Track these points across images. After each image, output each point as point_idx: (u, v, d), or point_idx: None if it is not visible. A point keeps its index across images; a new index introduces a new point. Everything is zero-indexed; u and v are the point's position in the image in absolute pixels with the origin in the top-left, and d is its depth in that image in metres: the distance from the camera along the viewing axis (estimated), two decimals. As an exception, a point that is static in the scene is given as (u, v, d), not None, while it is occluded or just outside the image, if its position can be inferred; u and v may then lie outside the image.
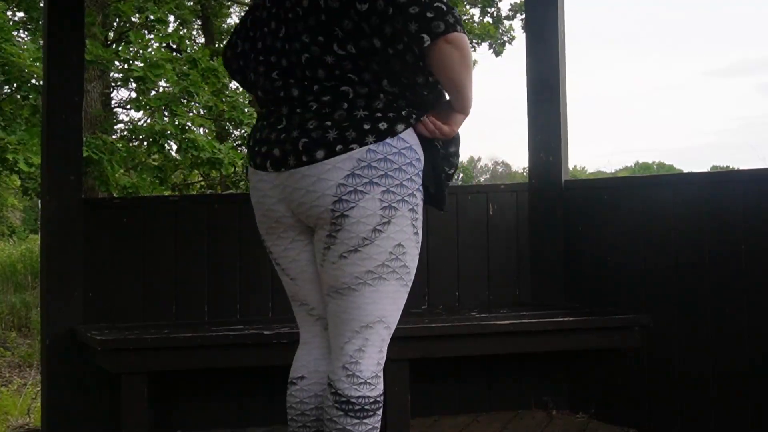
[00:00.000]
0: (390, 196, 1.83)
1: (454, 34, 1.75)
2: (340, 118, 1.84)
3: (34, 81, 7.38)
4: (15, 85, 7.55)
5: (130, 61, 8.38)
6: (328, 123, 1.84)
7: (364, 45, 1.83)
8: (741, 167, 5.74)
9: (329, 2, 1.85)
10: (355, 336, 1.89)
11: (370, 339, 1.90)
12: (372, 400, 1.88)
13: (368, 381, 1.89)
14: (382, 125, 1.84)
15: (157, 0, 9.31)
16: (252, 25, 2.08)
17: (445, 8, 1.75)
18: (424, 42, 1.74)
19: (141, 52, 8.29)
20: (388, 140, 1.82)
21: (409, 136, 1.88)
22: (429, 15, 1.74)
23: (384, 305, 1.89)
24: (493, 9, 13.72)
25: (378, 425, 1.92)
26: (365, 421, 1.87)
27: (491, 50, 14.16)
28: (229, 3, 13.06)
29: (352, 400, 1.86)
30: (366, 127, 1.83)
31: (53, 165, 3.20)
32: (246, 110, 9.25)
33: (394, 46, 1.80)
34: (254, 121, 8.84)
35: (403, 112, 1.87)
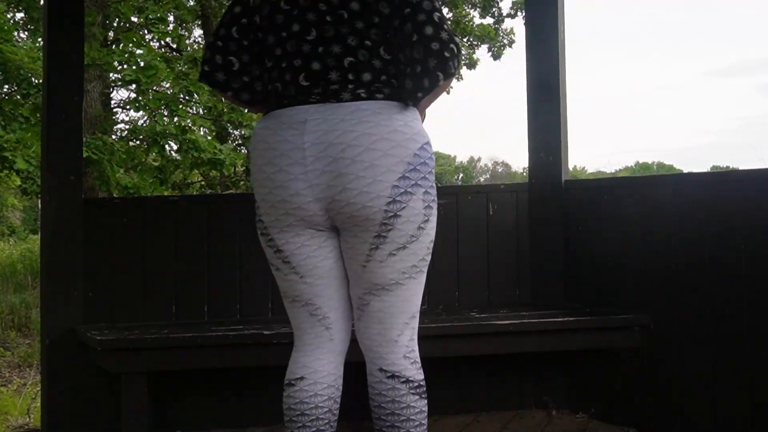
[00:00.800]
0: (428, 196, 1.98)
1: (453, 76, 1.94)
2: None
3: (33, 79, 7.38)
4: (15, 85, 7.55)
5: (124, 64, 8.38)
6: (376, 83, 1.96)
7: (399, 54, 1.96)
8: (741, 167, 5.75)
9: (381, 8, 1.93)
10: (405, 327, 2.03)
11: (415, 327, 2.06)
12: (424, 380, 2.06)
13: (420, 365, 2.06)
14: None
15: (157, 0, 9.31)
16: (241, 35, 2.05)
17: (456, 50, 1.91)
18: (439, 80, 1.90)
19: (135, 51, 8.28)
20: (426, 145, 1.97)
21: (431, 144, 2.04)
22: (446, 55, 1.89)
23: (420, 295, 2.06)
24: (494, 9, 13.73)
25: None
26: (426, 400, 2.04)
27: (489, 53, 14.18)
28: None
29: (421, 383, 2.03)
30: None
31: (53, 165, 3.19)
32: (246, 110, 9.25)
33: (406, 72, 1.95)
34: (252, 123, 8.82)
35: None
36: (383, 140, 1.90)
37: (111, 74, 9.50)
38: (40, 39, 9.51)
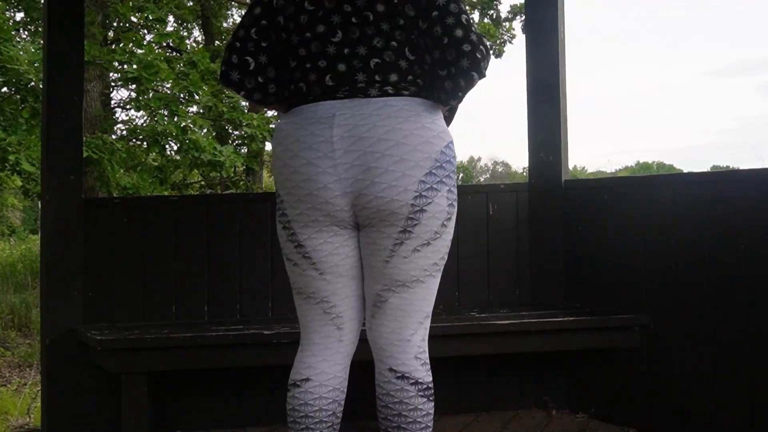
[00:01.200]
0: (451, 194, 2.01)
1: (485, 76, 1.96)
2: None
3: (32, 84, 7.38)
4: (14, 89, 7.56)
5: (126, 63, 8.38)
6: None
7: (425, 56, 1.98)
8: (741, 167, 5.74)
9: (406, 9, 1.95)
10: (419, 327, 2.04)
11: (427, 328, 2.06)
12: (432, 382, 2.06)
13: (429, 366, 2.05)
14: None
15: (157, 0, 9.31)
16: (259, 36, 2.03)
17: (485, 51, 1.94)
18: (474, 79, 1.92)
19: (136, 51, 8.28)
20: (450, 144, 2.00)
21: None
22: (478, 56, 1.92)
23: (435, 294, 2.07)
24: (492, 11, 13.74)
25: None
26: (433, 402, 2.04)
27: (492, 52, 14.18)
28: (230, 3, 13.06)
29: (430, 385, 2.02)
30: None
31: (53, 165, 3.20)
32: (246, 110, 9.26)
33: (438, 74, 1.96)
34: (253, 122, 8.77)
35: None
36: (412, 135, 1.92)
37: (111, 74, 9.51)
38: (40, 39, 9.52)
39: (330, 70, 1.96)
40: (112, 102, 10.86)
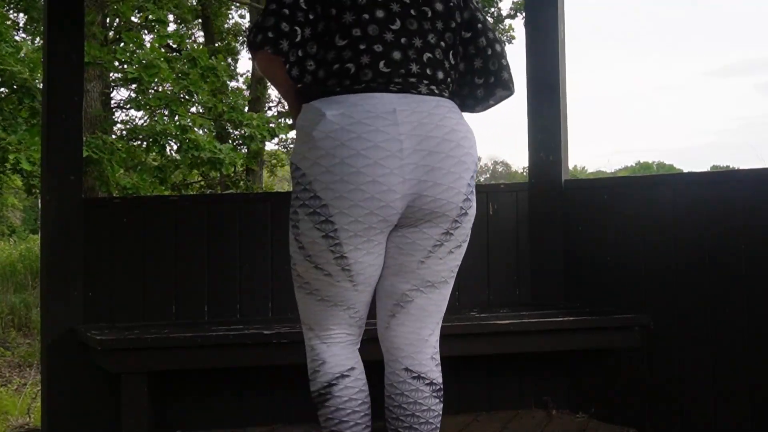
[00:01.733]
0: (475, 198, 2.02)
1: None
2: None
3: (27, 82, 7.38)
4: (11, 90, 7.56)
5: (126, 63, 8.39)
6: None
7: (459, 64, 2.03)
8: (741, 167, 5.74)
9: (457, 15, 2.00)
10: (436, 327, 2.06)
11: (440, 328, 2.08)
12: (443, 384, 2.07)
13: (441, 367, 2.06)
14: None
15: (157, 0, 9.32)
16: (309, 6, 1.88)
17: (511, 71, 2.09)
18: (512, 90, 2.07)
19: (137, 51, 8.28)
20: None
21: None
22: (512, 73, 2.06)
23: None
24: (493, 9, 13.73)
25: None
26: (443, 404, 2.04)
27: (491, 50, 14.16)
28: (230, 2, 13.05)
29: (442, 387, 2.03)
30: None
31: (53, 165, 3.19)
32: (246, 109, 9.26)
33: (473, 82, 2.05)
34: (252, 122, 8.75)
35: None
36: (465, 138, 1.94)
37: (111, 74, 9.51)
38: (39, 38, 9.52)
39: (385, 57, 1.88)
40: (112, 102, 10.86)
